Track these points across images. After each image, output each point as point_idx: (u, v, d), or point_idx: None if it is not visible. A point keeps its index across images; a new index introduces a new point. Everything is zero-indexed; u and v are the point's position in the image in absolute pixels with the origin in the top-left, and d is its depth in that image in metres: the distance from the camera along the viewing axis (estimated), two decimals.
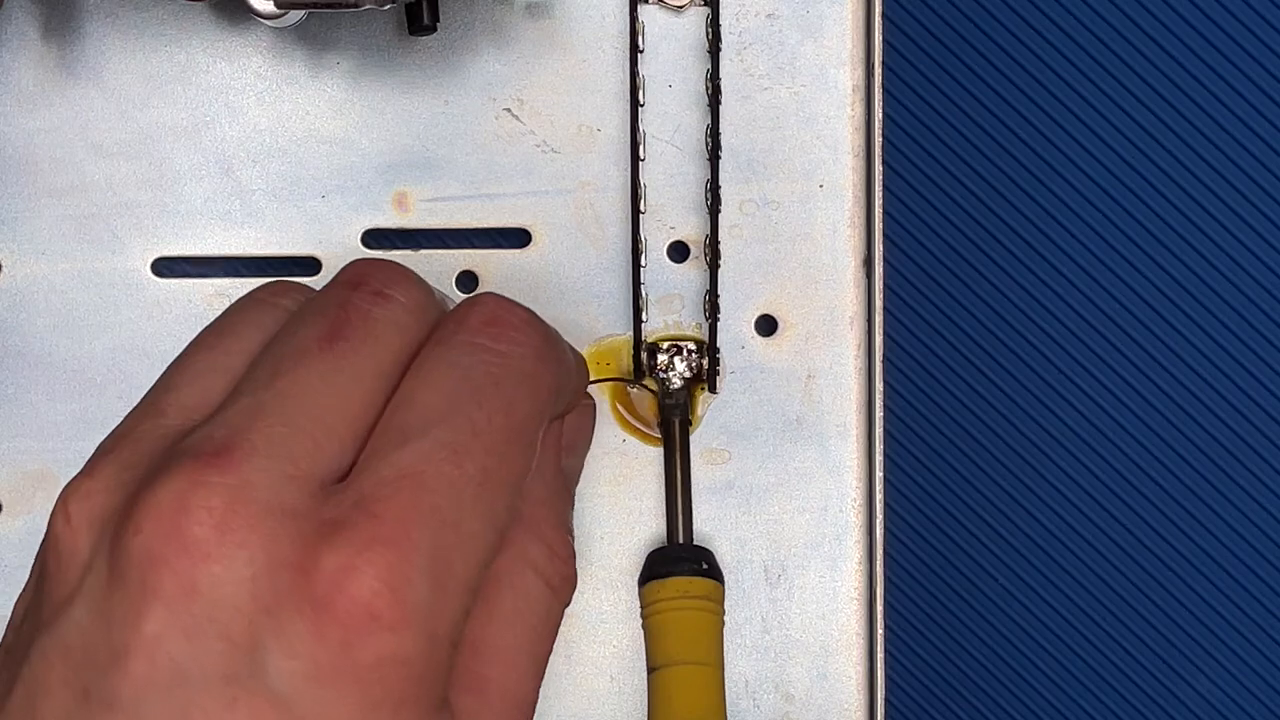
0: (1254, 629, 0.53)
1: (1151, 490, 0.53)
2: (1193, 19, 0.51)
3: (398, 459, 0.29)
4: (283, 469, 0.28)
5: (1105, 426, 0.52)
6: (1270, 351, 0.52)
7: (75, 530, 0.28)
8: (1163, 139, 0.51)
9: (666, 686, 0.40)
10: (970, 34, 0.51)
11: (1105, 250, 0.51)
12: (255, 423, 0.29)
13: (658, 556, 0.42)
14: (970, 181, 0.51)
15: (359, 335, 0.30)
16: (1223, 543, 0.53)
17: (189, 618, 0.27)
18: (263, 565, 0.27)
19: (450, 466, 0.29)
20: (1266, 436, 0.52)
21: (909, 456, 0.52)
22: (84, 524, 0.28)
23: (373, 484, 0.29)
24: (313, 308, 0.31)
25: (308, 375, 0.30)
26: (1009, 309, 0.52)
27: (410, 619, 0.28)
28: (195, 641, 0.27)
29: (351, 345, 0.30)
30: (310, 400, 0.29)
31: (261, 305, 0.33)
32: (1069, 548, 0.53)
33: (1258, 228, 0.51)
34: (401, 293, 0.32)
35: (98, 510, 0.28)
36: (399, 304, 0.31)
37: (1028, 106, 0.51)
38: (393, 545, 0.28)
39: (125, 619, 0.27)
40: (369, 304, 0.31)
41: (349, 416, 0.30)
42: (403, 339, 0.31)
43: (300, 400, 0.29)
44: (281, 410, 0.29)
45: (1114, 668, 0.53)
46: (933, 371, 0.52)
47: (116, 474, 0.29)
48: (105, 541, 0.28)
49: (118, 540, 0.27)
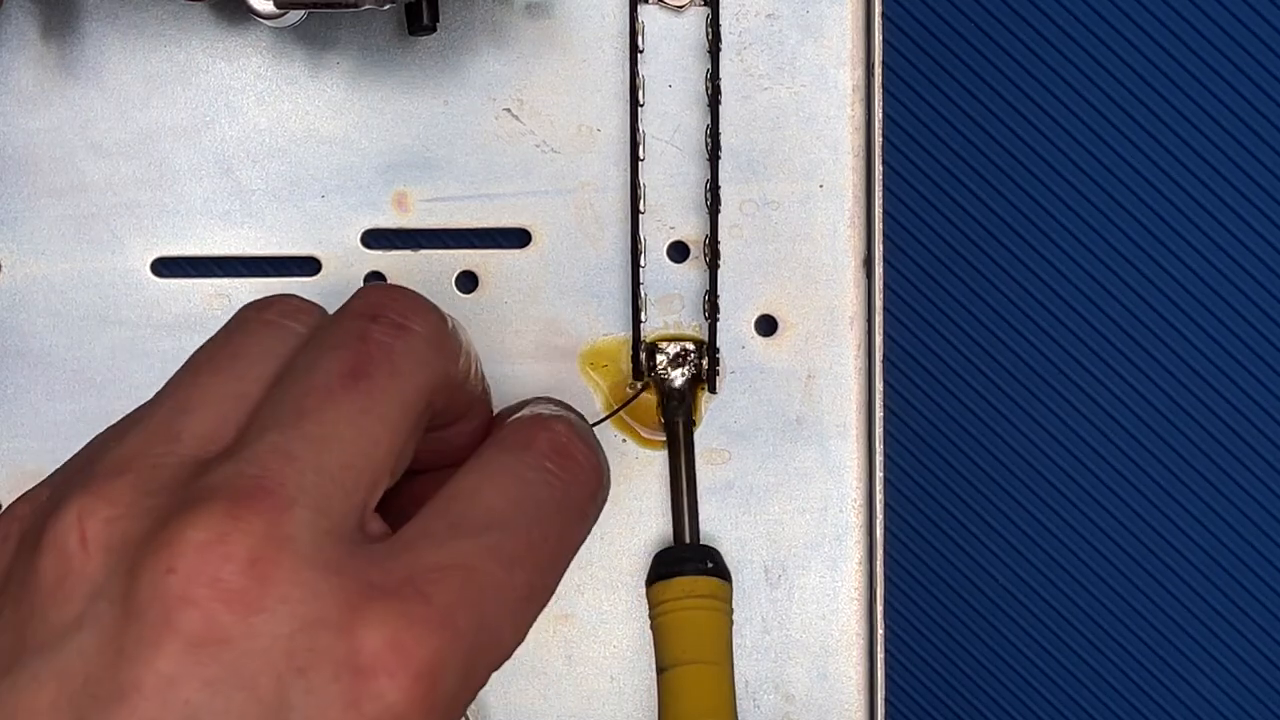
0: (1254, 629, 0.53)
1: (1151, 490, 0.53)
2: (1193, 19, 0.51)
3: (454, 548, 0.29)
4: (319, 521, 0.28)
5: (1105, 426, 0.52)
6: (1270, 351, 0.52)
7: (91, 553, 0.27)
8: (1163, 139, 0.51)
9: (675, 687, 0.40)
10: (970, 34, 0.51)
11: (1105, 250, 0.51)
12: (288, 467, 0.28)
13: (664, 556, 0.42)
14: (970, 181, 0.51)
15: (383, 372, 0.30)
16: (1223, 543, 0.53)
17: (215, 666, 0.26)
18: (303, 622, 0.26)
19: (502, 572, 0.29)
20: (1266, 436, 0.52)
21: (909, 456, 0.52)
22: (100, 548, 0.27)
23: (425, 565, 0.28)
24: (330, 339, 0.31)
25: (335, 417, 0.29)
26: (1009, 309, 0.52)
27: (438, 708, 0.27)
28: (217, 691, 0.26)
29: (376, 384, 0.30)
30: (340, 446, 0.29)
31: (271, 328, 0.31)
32: (1069, 548, 0.53)
33: (1258, 227, 0.51)
34: (420, 323, 0.31)
35: (117, 536, 0.27)
36: (418, 335, 0.31)
37: (1028, 106, 0.51)
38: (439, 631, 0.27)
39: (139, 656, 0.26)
40: (390, 337, 0.30)
41: (374, 462, 0.29)
42: (423, 373, 0.31)
43: (330, 445, 0.29)
44: (313, 456, 0.28)
45: (1114, 668, 0.53)
46: (933, 371, 0.52)
47: (138, 500, 0.28)
48: (120, 568, 0.27)
49: (140, 572, 0.26)
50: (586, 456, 0.32)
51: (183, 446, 0.29)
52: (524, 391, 0.42)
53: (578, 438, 0.33)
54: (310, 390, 0.29)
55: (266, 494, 0.27)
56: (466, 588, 0.28)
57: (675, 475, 0.42)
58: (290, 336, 0.31)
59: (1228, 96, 0.51)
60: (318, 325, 0.32)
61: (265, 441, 0.28)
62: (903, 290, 0.51)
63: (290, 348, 0.31)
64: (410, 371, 0.30)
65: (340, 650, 0.27)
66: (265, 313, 0.32)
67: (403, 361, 0.30)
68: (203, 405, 0.30)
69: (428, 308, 0.32)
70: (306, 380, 0.30)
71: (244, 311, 0.32)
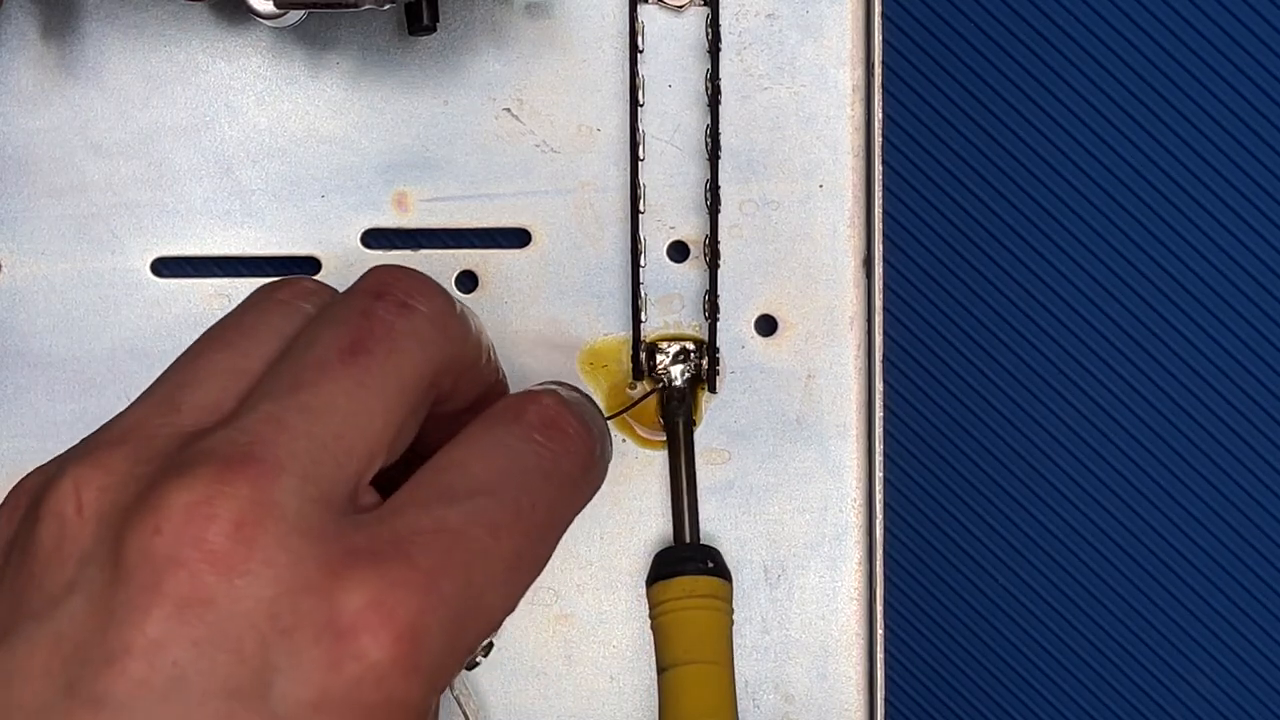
0: (1254, 629, 0.53)
1: (1151, 490, 0.53)
2: (1193, 19, 0.51)
3: (440, 514, 0.29)
4: (307, 489, 0.28)
5: (1105, 426, 0.52)
6: (1270, 351, 0.52)
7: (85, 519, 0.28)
8: (1163, 139, 0.51)
9: (675, 687, 0.40)
10: (970, 34, 0.51)
11: (1105, 250, 0.51)
12: (279, 435, 0.28)
13: (664, 556, 0.42)
14: (970, 181, 0.51)
15: (382, 348, 0.30)
16: (1223, 543, 0.53)
17: (201, 627, 0.26)
18: (286, 585, 0.27)
19: (489, 537, 0.29)
20: (1266, 436, 0.52)
21: (909, 456, 0.52)
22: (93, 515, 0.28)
23: (409, 529, 0.28)
24: (334, 315, 0.31)
25: (331, 389, 0.29)
26: (1009, 309, 0.52)
27: (422, 668, 0.27)
28: (202, 651, 0.26)
29: (375, 359, 0.30)
30: (334, 417, 0.29)
31: (281, 307, 0.32)
32: (1069, 548, 0.53)
33: (1258, 227, 0.51)
34: (425, 303, 0.31)
35: (108, 503, 0.28)
36: (422, 315, 0.31)
37: (1028, 106, 0.51)
38: (423, 593, 0.28)
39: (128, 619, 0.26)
40: (392, 315, 0.31)
41: (369, 435, 0.29)
42: (425, 352, 0.31)
43: (323, 416, 0.29)
44: (305, 425, 0.28)
45: (1114, 667, 0.53)
46: (933, 371, 0.52)
47: (130, 468, 0.28)
48: (109, 534, 0.27)
49: (127, 536, 0.27)
50: (577, 429, 0.32)
51: (181, 418, 0.29)
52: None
53: (567, 410, 0.32)
54: (308, 364, 0.30)
55: (255, 460, 0.28)
56: (451, 551, 0.28)
57: (675, 475, 0.42)
58: (299, 316, 0.32)
59: (1228, 96, 0.51)
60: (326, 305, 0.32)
61: (260, 411, 0.29)
62: (903, 290, 0.51)
63: (297, 327, 0.31)
64: (411, 350, 0.30)
65: (323, 612, 0.27)
66: (278, 293, 0.32)
67: (404, 340, 0.30)
68: (207, 379, 0.30)
69: (434, 289, 0.32)
70: (306, 354, 0.30)
71: (256, 292, 0.32)
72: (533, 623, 0.42)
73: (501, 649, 0.42)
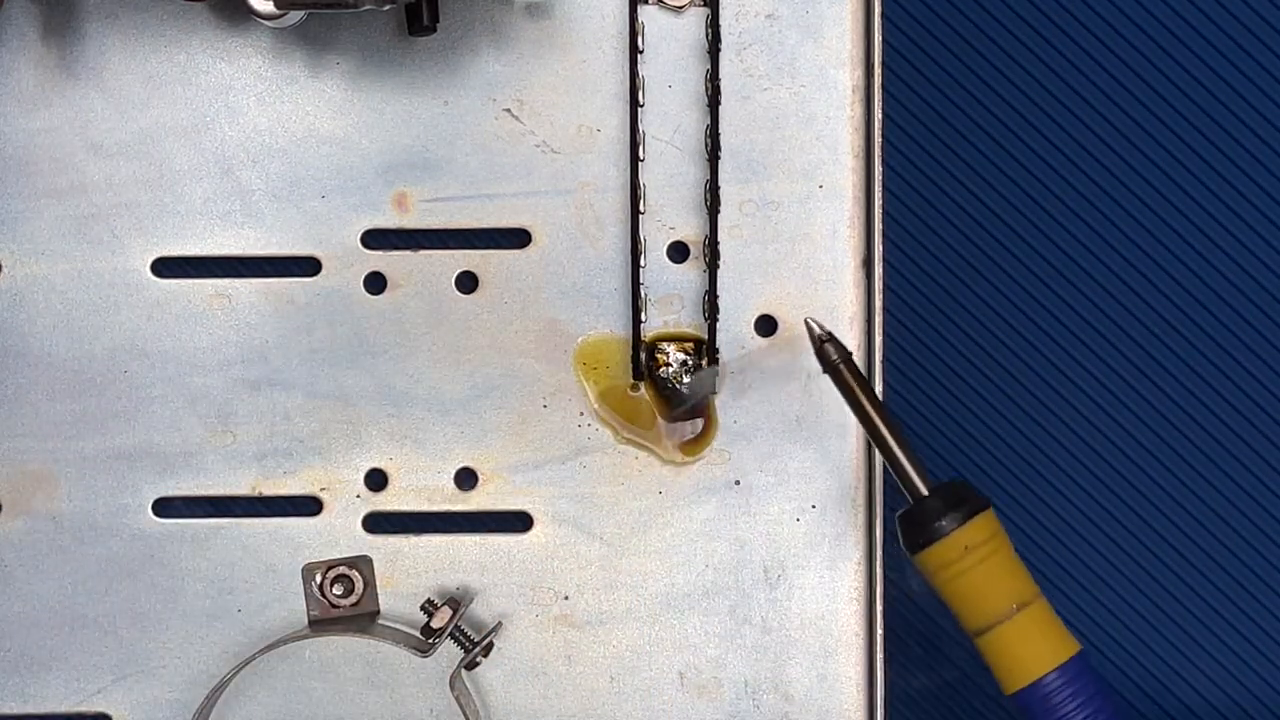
0: (1254, 628, 0.53)
1: (1151, 490, 0.53)
2: (1193, 19, 0.51)
3: None
4: None
5: (1105, 426, 0.52)
6: (1270, 351, 0.52)
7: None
8: (1163, 139, 0.51)
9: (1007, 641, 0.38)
10: (970, 34, 0.51)
11: (1105, 250, 0.51)
12: None
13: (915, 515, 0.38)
14: (970, 181, 0.51)
15: None
16: (1222, 541, 0.53)
17: None
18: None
19: None
20: (1266, 436, 0.52)
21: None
22: None
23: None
24: None
25: None
26: (1009, 309, 0.52)
27: None
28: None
29: None
30: None
31: None
32: (1069, 547, 0.53)
33: (1258, 227, 0.51)
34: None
35: None
36: None
37: (1028, 107, 0.51)
38: None
39: None
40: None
41: None
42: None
43: None
44: None
45: (1114, 667, 0.53)
46: (933, 371, 0.52)
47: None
48: None
49: None
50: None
51: None
52: (524, 390, 0.42)
53: None
54: None
55: None
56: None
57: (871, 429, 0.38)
58: None
59: (1228, 96, 0.51)
60: None
61: None
62: (903, 290, 0.51)
63: None
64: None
65: None
66: None
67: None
68: None
69: None
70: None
71: None
72: (533, 623, 0.42)
73: (501, 649, 0.42)
